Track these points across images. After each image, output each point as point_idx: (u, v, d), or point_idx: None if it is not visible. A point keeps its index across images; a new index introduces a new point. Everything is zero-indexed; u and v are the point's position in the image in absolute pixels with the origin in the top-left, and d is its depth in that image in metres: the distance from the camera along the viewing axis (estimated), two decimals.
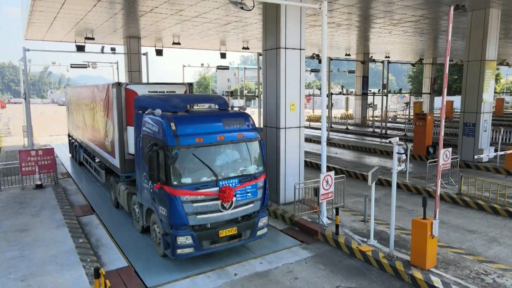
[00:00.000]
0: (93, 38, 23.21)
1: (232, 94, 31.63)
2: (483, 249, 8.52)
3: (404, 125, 29.71)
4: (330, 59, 28.57)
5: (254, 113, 31.76)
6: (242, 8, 8.02)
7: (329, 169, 14.34)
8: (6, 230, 9.64)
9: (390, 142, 7.57)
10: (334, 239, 8.72)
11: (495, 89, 62.35)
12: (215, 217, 7.47)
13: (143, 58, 24.70)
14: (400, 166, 7.86)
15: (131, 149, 10.07)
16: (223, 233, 7.59)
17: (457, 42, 28.36)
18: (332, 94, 32.57)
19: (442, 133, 7.25)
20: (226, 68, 34.58)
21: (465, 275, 7.04)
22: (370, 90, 36.26)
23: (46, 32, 22.13)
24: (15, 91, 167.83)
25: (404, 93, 43.97)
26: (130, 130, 10.03)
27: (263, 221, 8.23)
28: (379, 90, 33.42)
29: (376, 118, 33.80)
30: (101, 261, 8.13)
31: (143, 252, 8.58)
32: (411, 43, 29.42)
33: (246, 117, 8.37)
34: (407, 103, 40.70)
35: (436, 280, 6.74)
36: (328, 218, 9.94)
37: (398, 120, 39.29)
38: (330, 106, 31.83)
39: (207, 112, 8.38)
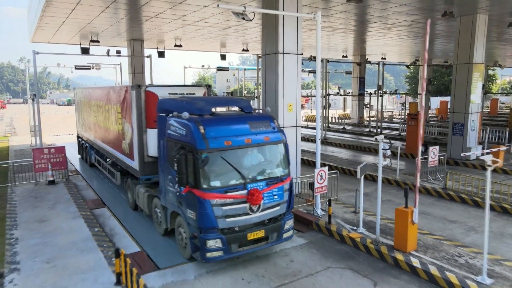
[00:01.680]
0: (98, 41, 24.09)
1: (232, 94, 32.46)
2: (461, 236, 9.41)
3: (399, 125, 30.59)
4: (327, 60, 29.40)
5: None
6: (243, 18, 8.87)
7: (324, 166, 15.22)
8: (27, 221, 10.50)
9: (376, 139, 8.44)
10: (327, 227, 9.59)
11: (491, 89, 63.35)
12: (243, 220, 7.44)
13: (146, 59, 25.57)
14: (385, 161, 8.73)
15: (151, 151, 10.08)
16: (251, 236, 7.56)
17: (451, 45, 29.26)
18: (329, 94, 33.46)
19: (421, 132, 8.14)
20: (226, 69, 35.45)
21: (441, 256, 7.93)
22: (367, 91, 37.16)
23: (52, 35, 22.98)
24: (14, 91, 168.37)
25: (400, 93, 44.85)
26: (150, 133, 10.04)
27: (289, 223, 8.19)
28: (375, 91, 34.26)
29: (372, 118, 34.70)
30: (116, 247, 8.97)
31: (154, 240, 9.43)
32: (406, 45, 30.31)
33: (271, 119, 8.34)
34: (403, 103, 41.58)
35: (415, 261, 7.63)
36: (322, 210, 10.81)
37: (394, 120, 40.19)
38: (327, 107, 32.77)
39: (234, 115, 8.38)
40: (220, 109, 8.61)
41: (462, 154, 13.54)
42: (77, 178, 16.08)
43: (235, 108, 8.94)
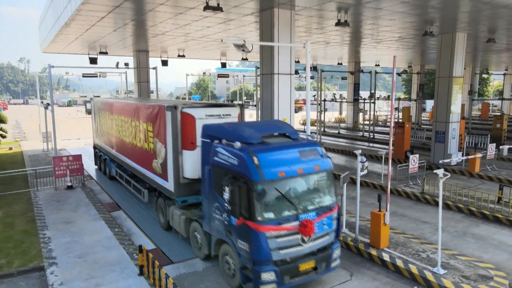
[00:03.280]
0: (106, 53, 25.64)
1: (232, 101, 34.00)
2: (429, 235, 10.99)
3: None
4: (322, 70, 31.06)
5: (253, 115, 34.16)
6: (243, 50, 10.42)
7: None
8: (54, 222, 12.06)
9: (354, 153, 9.99)
10: None
11: (484, 92, 65.07)
12: (296, 251, 7.40)
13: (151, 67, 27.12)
14: (363, 171, 10.32)
15: (187, 173, 10.06)
16: (303, 267, 7.51)
17: None
18: (325, 100, 35.12)
19: (391, 143, 9.69)
20: (226, 76, 37.06)
21: (408, 252, 9.51)
22: (361, 97, 38.74)
23: (64, 47, 24.57)
24: (14, 92, 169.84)
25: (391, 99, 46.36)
26: (186, 154, 10.01)
27: (337, 252, 8.10)
28: (369, 97, 35.79)
29: (366, 122, 36.20)
30: (134, 245, 10.49)
31: (167, 239, 10.95)
32: (398, 54, 31.91)
33: (319, 147, 8.25)
34: (396, 108, 43.12)
35: (385, 255, 9.22)
36: None
37: (388, 124, 41.72)
38: (324, 111, 34.42)
39: (284, 143, 8.16)
40: (270, 137, 8.40)
41: (440, 161, 15.23)
42: (91, 182, 17.60)
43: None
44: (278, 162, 7.42)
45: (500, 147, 18.80)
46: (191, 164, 9.91)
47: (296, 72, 27.05)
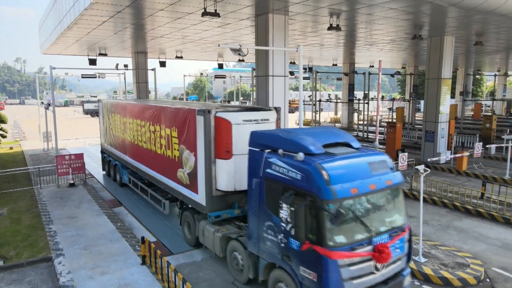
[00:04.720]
0: (105, 54, 26.20)
1: (229, 101, 34.64)
2: (414, 228, 11.55)
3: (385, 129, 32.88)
4: (317, 72, 31.76)
5: None
6: (239, 54, 11.06)
7: None
8: (59, 217, 12.63)
9: None
10: None
11: (478, 94, 66.05)
12: (368, 280, 6.41)
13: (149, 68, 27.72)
14: None
15: (221, 185, 9.10)
16: None
17: None
18: (320, 101, 35.85)
19: (377, 141, 10.32)
20: (223, 77, 37.68)
21: None
22: (356, 97, 39.48)
23: (64, 49, 25.10)
24: (10, 92, 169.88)
25: (386, 100, 47.20)
26: (220, 164, 9.05)
27: (408, 279, 7.14)
28: (363, 97, 36.54)
29: (360, 122, 36.89)
30: (136, 238, 11.09)
31: (167, 232, 11.56)
32: (392, 56, 32.67)
33: (387, 157, 7.27)
34: (390, 108, 43.93)
35: None
36: None
37: (382, 124, 42.47)
38: (319, 111, 35.17)
39: (351, 154, 7.02)
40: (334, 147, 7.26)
41: (429, 160, 15.90)
42: (92, 180, 18.15)
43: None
44: (349, 177, 6.44)
45: (487, 146, 19.60)
46: (226, 175, 9.01)
47: (291, 73, 27.83)
